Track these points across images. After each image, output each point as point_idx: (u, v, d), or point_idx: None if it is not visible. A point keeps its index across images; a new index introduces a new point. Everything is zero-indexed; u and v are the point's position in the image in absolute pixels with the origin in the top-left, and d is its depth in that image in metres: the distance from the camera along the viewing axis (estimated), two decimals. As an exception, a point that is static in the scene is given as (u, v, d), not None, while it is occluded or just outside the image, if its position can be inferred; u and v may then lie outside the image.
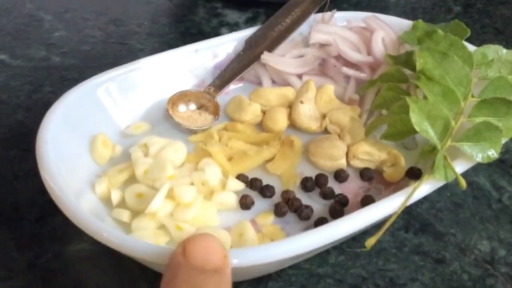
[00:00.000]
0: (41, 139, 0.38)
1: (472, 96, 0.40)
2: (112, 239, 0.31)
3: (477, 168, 0.47)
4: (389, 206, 0.34)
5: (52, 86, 0.43)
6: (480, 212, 0.44)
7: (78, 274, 0.38)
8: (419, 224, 0.42)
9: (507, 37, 0.69)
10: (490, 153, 0.37)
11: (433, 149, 0.36)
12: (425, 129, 0.36)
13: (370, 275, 0.38)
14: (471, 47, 0.48)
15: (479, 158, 0.37)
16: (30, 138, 0.38)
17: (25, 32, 0.65)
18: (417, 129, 0.35)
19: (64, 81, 0.42)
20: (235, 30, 0.67)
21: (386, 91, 0.45)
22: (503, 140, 0.38)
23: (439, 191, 0.45)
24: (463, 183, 0.35)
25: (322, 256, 0.39)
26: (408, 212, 0.43)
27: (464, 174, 0.46)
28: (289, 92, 0.50)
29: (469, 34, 0.47)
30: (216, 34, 0.66)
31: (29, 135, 0.38)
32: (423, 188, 0.35)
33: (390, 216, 0.34)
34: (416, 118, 0.35)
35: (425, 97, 0.38)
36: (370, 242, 0.33)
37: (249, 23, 0.69)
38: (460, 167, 0.37)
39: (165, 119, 0.48)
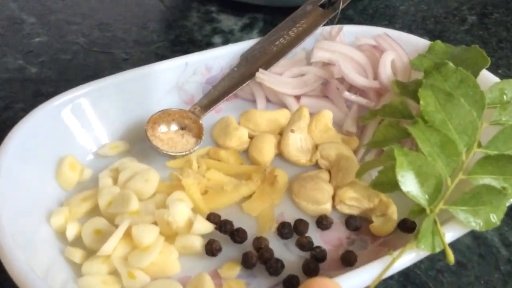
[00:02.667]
0: None
1: (479, 146, 0.35)
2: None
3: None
4: (362, 277, 0.29)
5: (25, 102, 0.39)
6: (486, 274, 0.38)
7: None
8: (417, 290, 0.37)
9: (527, 53, 0.62)
10: (490, 218, 0.32)
11: (422, 211, 0.32)
12: (412, 189, 0.31)
13: None
14: (490, 78, 0.42)
15: (476, 225, 0.31)
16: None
17: (3, 36, 0.61)
18: (403, 188, 0.30)
19: (37, 97, 0.39)
20: (229, 38, 0.63)
21: (385, 127, 0.40)
22: (509, 203, 0.33)
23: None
24: (451, 258, 0.30)
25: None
26: (405, 273, 0.38)
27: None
28: (282, 117, 0.46)
29: (488, 65, 0.41)
30: (208, 42, 0.62)
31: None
32: (405, 259, 0.30)
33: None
34: (402, 175, 0.31)
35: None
36: None
37: (245, 30, 0.64)
38: (453, 233, 0.32)
39: (145, 139, 0.45)
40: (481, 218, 0.31)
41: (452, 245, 0.39)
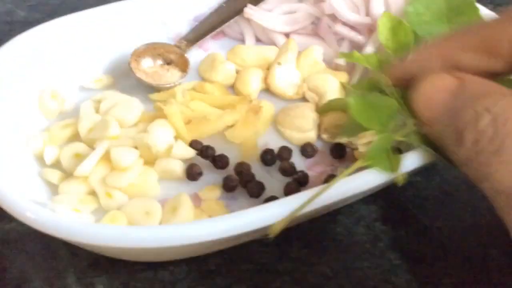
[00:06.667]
0: None
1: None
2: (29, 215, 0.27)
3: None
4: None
5: (12, 43, 0.40)
6: (472, 204, 0.37)
7: (1, 259, 0.33)
8: (399, 215, 0.37)
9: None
10: None
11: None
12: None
13: (336, 274, 0.33)
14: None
15: None
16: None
17: (-9, -22, 0.60)
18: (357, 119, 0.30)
19: (25, 38, 0.40)
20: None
21: None
22: None
23: (427, 177, 0.39)
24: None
25: (282, 249, 0.34)
26: (389, 199, 0.37)
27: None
28: (271, 52, 0.45)
29: None
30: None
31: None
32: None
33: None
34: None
35: None
36: (276, 227, 0.27)
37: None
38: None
39: (129, 73, 0.44)
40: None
41: (440, 174, 0.39)
